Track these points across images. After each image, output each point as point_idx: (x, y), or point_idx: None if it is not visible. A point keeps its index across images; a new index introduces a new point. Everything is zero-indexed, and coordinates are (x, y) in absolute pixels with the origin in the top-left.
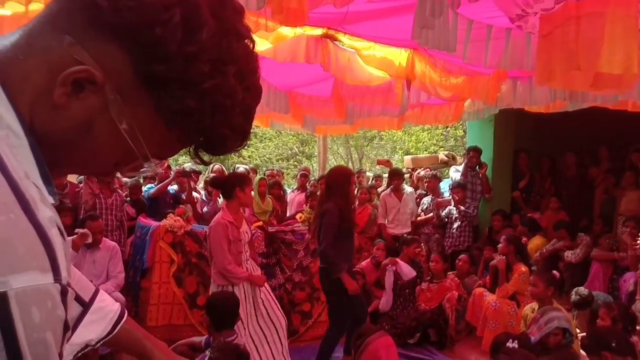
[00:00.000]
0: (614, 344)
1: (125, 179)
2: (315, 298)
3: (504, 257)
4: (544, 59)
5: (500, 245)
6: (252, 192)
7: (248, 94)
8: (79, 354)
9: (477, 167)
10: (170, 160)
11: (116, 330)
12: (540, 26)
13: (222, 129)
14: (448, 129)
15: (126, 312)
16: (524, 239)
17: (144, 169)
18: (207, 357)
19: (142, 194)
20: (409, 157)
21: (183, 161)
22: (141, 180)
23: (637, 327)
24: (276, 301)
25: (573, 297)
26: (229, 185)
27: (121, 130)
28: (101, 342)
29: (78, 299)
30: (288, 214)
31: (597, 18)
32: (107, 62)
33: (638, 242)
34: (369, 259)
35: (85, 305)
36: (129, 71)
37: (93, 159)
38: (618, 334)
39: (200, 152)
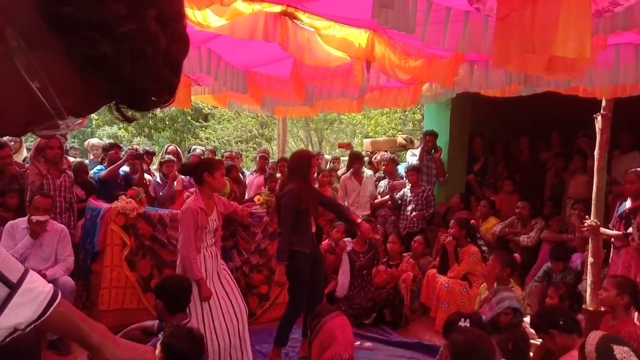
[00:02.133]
0: (561, 322)
1: (72, 159)
2: (272, 280)
3: (451, 238)
4: (501, 41)
5: (450, 229)
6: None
7: (173, 42)
8: (7, 339)
9: (433, 150)
10: (124, 142)
11: (48, 313)
12: (497, 9)
13: (145, 81)
14: (406, 113)
15: (60, 293)
16: (473, 221)
17: (60, 128)
18: (159, 342)
19: (89, 175)
20: (368, 140)
21: (137, 142)
22: (86, 162)
23: (583, 306)
24: (237, 287)
25: None
26: (198, 171)
27: (29, 83)
28: (32, 326)
29: (4, 279)
30: (247, 197)
31: (552, 2)
32: (6, 2)
33: (585, 224)
34: (327, 241)
35: (13, 287)
36: (33, 13)
37: None
38: (565, 312)
39: (122, 108)
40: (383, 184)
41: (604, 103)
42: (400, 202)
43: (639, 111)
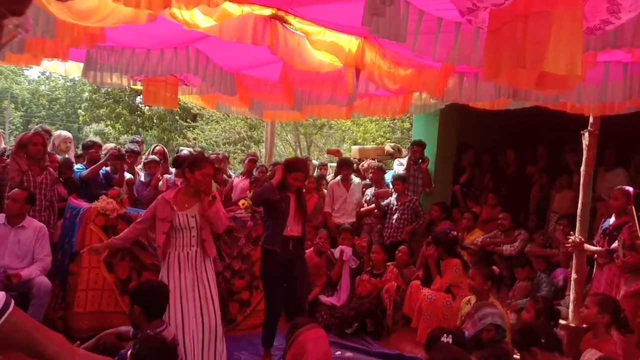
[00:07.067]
0: (543, 340)
1: (59, 156)
2: (254, 286)
3: (433, 251)
4: (491, 54)
5: (426, 248)
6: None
7: None
8: None
9: (420, 160)
10: (111, 139)
11: None
12: (489, 21)
13: None
14: (395, 121)
15: (12, 302)
16: (453, 232)
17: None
18: (129, 351)
19: (73, 173)
20: (356, 147)
21: (124, 140)
22: (72, 159)
23: (561, 322)
24: (216, 298)
25: None
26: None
27: None
28: None
29: None
30: (233, 200)
31: (544, 17)
32: None
33: (570, 240)
34: (311, 248)
35: None
36: None
37: None
38: (546, 329)
39: None
40: (370, 191)
41: (591, 120)
42: (386, 209)
43: (624, 128)
